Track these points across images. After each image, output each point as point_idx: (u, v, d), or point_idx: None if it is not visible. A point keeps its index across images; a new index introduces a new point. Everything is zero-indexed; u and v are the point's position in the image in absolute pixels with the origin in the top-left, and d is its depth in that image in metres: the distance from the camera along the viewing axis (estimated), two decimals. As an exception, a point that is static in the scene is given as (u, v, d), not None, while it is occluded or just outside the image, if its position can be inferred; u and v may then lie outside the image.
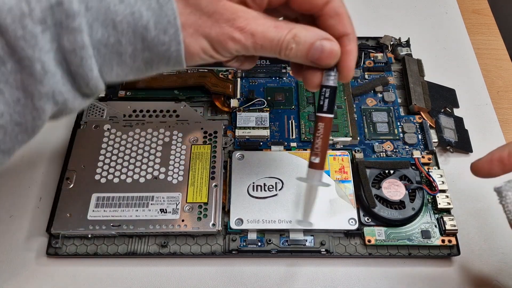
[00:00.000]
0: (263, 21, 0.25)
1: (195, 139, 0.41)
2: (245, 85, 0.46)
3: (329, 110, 0.29)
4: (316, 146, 0.29)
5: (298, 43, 0.25)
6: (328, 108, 0.28)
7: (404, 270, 0.37)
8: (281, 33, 0.25)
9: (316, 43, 0.25)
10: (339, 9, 0.26)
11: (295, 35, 0.25)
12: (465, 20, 0.55)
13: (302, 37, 0.25)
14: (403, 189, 0.38)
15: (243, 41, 0.24)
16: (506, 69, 0.51)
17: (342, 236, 0.37)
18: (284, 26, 0.25)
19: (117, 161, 0.39)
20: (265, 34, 0.24)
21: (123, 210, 0.37)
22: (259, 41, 0.25)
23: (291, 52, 0.25)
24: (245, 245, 0.36)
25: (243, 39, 0.24)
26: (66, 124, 0.44)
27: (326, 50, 0.26)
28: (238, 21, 0.24)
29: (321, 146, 0.29)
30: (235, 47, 0.25)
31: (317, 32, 0.26)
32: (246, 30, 0.24)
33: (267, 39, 0.25)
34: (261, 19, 0.25)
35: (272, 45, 0.25)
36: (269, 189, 0.38)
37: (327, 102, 0.28)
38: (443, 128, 0.43)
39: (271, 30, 0.25)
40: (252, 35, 0.24)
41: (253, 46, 0.25)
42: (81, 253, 0.36)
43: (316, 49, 0.25)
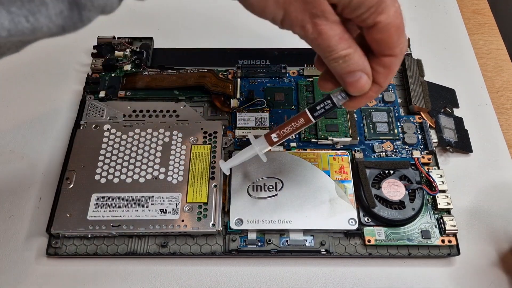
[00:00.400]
0: (336, 27, 0.26)
1: (195, 139, 0.41)
2: (245, 85, 0.46)
3: (316, 117, 0.31)
4: (284, 131, 0.32)
5: (345, 62, 0.27)
6: (318, 115, 0.31)
7: (404, 270, 0.37)
8: (341, 46, 0.26)
9: (357, 72, 0.27)
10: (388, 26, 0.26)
11: (349, 55, 0.26)
12: (465, 20, 0.55)
13: (351, 60, 0.27)
14: (403, 189, 0.38)
15: (309, 33, 0.26)
16: (506, 69, 0.51)
17: (342, 236, 0.37)
18: (346, 41, 0.26)
19: (117, 161, 0.39)
20: (329, 40, 0.26)
21: (123, 210, 0.37)
22: (320, 41, 0.26)
23: (334, 63, 0.27)
24: (245, 245, 0.36)
25: (310, 32, 0.26)
26: (66, 124, 0.45)
27: (359, 83, 0.28)
28: (319, 19, 0.25)
29: (286, 134, 0.32)
30: (299, 32, 0.26)
31: (365, 64, 0.27)
32: (318, 28, 0.25)
33: (326, 44, 0.26)
34: (336, 25, 0.26)
35: (325, 49, 0.26)
36: (269, 189, 0.38)
37: (321, 112, 0.31)
38: (443, 128, 0.43)
39: (335, 39, 0.26)
40: (319, 34, 0.26)
41: (312, 40, 0.26)
42: (81, 253, 0.36)
43: (353, 76, 0.27)
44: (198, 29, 0.54)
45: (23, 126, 0.45)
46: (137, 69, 0.47)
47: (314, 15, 0.25)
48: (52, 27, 0.22)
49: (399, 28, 0.26)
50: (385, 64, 0.28)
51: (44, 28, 0.21)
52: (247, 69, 0.46)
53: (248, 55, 0.49)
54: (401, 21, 0.26)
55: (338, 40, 0.26)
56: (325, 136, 0.41)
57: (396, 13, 0.25)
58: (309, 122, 0.31)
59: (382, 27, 0.25)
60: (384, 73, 0.28)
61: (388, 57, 0.27)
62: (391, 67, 0.28)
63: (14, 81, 0.48)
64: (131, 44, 0.48)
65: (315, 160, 0.39)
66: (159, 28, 0.53)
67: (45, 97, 0.47)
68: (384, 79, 0.28)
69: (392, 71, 0.28)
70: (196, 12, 0.56)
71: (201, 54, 0.50)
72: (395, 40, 0.26)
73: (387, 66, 0.28)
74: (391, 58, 0.27)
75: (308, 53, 0.49)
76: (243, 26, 0.54)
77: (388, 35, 0.26)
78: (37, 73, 0.49)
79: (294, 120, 0.31)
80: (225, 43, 0.51)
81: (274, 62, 0.48)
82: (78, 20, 0.22)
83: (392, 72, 0.28)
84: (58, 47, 0.52)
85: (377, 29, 0.26)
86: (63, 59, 0.50)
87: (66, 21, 0.22)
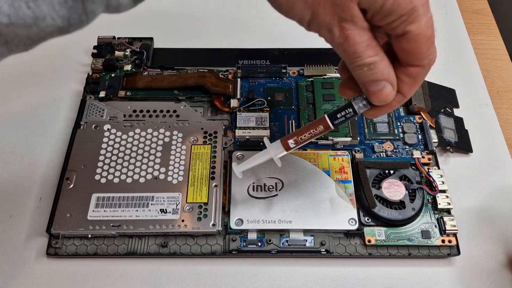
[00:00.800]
0: (364, 33, 0.25)
1: (195, 139, 0.41)
2: (245, 85, 0.46)
3: (336, 124, 0.30)
4: (302, 137, 0.31)
5: (370, 69, 0.26)
6: (338, 123, 0.30)
7: (404, 270, 0.37)
8: (367, 53, 0.26)
9: (382, 82, 0.26)
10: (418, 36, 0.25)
11: (374, 63, 0.26)
12: (465, 20, 0.55)
13: (377, 69, 0.26)
14: (403, 189, 0.38)
15: (335, 37, 0.25)
16: (506, 69, 0.51)
17: (342, 236, 0.37)
18: (373, 49, 0.26)
19: (117, 161, 0.39)
20: (355, 46, 0.25)
21: (123, 210, 0.37)
22: (346, 46, 0.25)
23: (358, 70, 0.26)
24: (245, 245, 0.36)
25: (336, 36, 0.25)
26: (66, 124, 0.45)
27: (382, 93, 0.27)
28: (347, 23, 0.25)
29: (304, 140, 0.31)
30: (325, 35, 0.26)
31: (390, 74, 0.27)
32: (346, 33, 0.25)
33: (352, 49, 0.25)
34: (364, 31, 0.25)
35: (351, 55, 0.26)
36: (269, 189, 0.38)
37: (341, 119, 0.30)
38: (443, 128, 0.43)
39: (362, 45, 0.25)
40: (346, 39, 0.25)
41: (338, 45, 0.26)
42: (81, 253, 0.36)
43: (377, 85, 0.27)
44: (198, 29, 0.54)
45: (23, 126, 0.45)
46: (137, 69, 0.47)
47: (343, 19, 0.24)
48: (56, 18, 0.21)
49: (429, 39, 0.25)
50: (411, 74, 0.27)
51: (48, 19, 0.21)
52: (247, 69, 0.46)
53: (248, 55, 0.49)
54: (432, 32, 0.25)
55: (365, 47, 0.25)
56: (325, 136, 0.41)
57: (428, 23, 0.25)
58: (328, 129, 0.30)
59: (412, 37, 0.25)
60: (409, 83, 0.27)
61: (415, 67, 0.26)
62: (417, 78, 0.27)
63: (14, 81, 0.48)
64: (131, 44, 0.48)
65: (315, 160, 0.39)
66: (159, 28, 0.53)
67: (45, 97, 0.47)
68: (408, 89, 0.27)
69: (418, 82, 0.27)
70: (196, 12, 0.56)
71: (201, 54, 0.50)
72: (424, 51, 0.25)
73: (413, 77, 0.27)
74: (418, 69, 0.27)
75: (308, 53, 0.49)
76: (243, 26, 0.54)
77: (418, 45, 0.25)
78: (37, 73, 0.49)
79: (313, 127, 0.31)
80: (225, 43, 0.51)
81: (274, 62, 0.48)
82: (82, 12, 0.22)
83: (417, 83, 0.27)
84: (59, 47, 0.52)
85: (406, 39, 0.25)
86: (63, 59, 0.50)
87: (70, 13, 0.21)
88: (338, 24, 0.25)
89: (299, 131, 0.31)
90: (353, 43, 0.25)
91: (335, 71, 0.46)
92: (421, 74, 0.27)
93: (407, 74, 0.27)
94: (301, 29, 0.26)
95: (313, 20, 0.25)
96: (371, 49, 0.25)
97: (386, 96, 0.27)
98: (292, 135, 0.32)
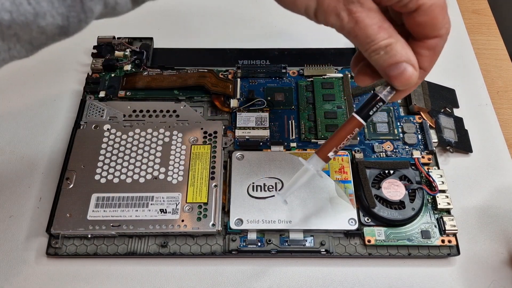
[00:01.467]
0: (374, 15, 0.24)
1: (195, 139, 0.41)
2: (245, 85, 0.46)
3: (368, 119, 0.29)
4: (340, 146, 0.30)
5: (387, 53, 0.25)
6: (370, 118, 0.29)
7: (404, 270, 0.37)
8: (381, 36, 0.25)
9: (402, 64, 0.26)
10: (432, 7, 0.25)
11: (390, 44, 0.25)
12: (465, 20, 0.55)
13: (394, 51, 0.25)
14: (403, 189, 0.38)
15: (344, 22, 0.24)
16: (506, 69, 0.51)
17: (342, 236, 0.37)
18: (386, 30, 0.25)
19: (117, 161, 0.39)
20: (366, 28, 0.24)
21: (123, 210, 0.37)
22: (357, 30, 0.25)
23: (375, 56, 0.26)
24: (245, 245, 0.36)
25: (345, 20, 0.24)
26: (66, 124, 0.45)
27: (404, 76, 0.26)
28: (354, 5, 0.24)
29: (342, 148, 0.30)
30: (335, 22, 0.25)
31: (409, 54, 0.26)
32: (355, 16, 0.24)
33: (364, 33, 0.25)
34: (373, 13, 0.24)
35: (364, 40, 0.25)
36: (269, 189, 0.38)
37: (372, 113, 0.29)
38: (443, 128, 0.43)
39: (374, 28, 0.24)
40: (356, 23, 0.24)
41: (349, 32, 0.25)
42: (81, 253, 0.36)
43: (397, 68, 0.26)
44: (198, 29, 0.54)
45: (23, 126, 0.45)
46: (137, 69, 0.47)
47: (349, 1, 0.24)
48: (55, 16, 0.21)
49: (443, 8, 0.25)
50: (430, 46, 0.26)
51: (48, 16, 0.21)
52: (247, 69, 0.46)
53: (248, 55, 0.49)
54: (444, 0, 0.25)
55: (377, 29, 0.24)
56: (325, 136, 0.41)
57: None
58: (361, 126, 0.29)
59: (426, 9, 0.24)
60: (429, 56, 0.26)
61: (433, 39, 0.26)
62: (437, 49, 0.26)
63: (14, 81, 0.48)
64: (131, 44, 0.48)
65: (315, 160, 0.39)
66: (159, 28, 0.53)
67: (45, 97, 0.47)
68: (429, 62, 0.27)
69: (437, 53, 0.27)
70: (196, 12, 0.56)
71: (201, 54, 0.50)
72: (441, 21, 0.25)
73: (432, 48, 0.26)
74: (436, 40, 0.26)
75: (308, 53, 0.49)
76: (243, 26, 0.54)
77: (433, 16, 0.25)
78: (37, 73, 0.49)
79: (348, 132, 0.29)
80: (225, 43, 0.51)
81: (274, 62, 0.48)
82: (81, 10, 0.22)
83: (437, 54, 0.27)
84: (58, 47, 0.51)
85: (420, 12, 0.24)
86: (63, 59, 0.50)
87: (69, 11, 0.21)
88: (345, 8, 0.24)
89: (334, 139, 0.30)
90: (364, 26, 0.24)
91: (335, 71, 0.46)
92: (440, 45, 0.26)
93: (426, 48, 0.26)
94: (301, 29, 0.26)
95: (319, 8, 0.25)
96: (383, 31, 0.25)
97: (409, 78, 0.26)
98: (328, 146, 0.30)
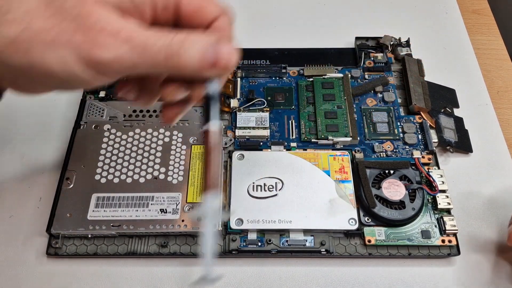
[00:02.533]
0: (142, 28, 0.21)
1: (195, 139, 0.41)
2: (245, 85, 0.46)
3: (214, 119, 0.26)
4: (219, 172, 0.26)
5: (189, 47, 0.21)
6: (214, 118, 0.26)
7: (404, 270, 0.37)
8: (167, 36, 0.21)
9: (210, 47, 0.22)
10: None
11: (184, 38, 0.21)
12: (465, 20, 0.55)
13: (193, 40, 0.22)
14: (403, 189, 0.38)
15: (117, 47, 0.20)
16: (506, 69, 0.51)
17: (342, 236, 0.37)
18: (168, 31, 0.21)
19: (117, 161, 0.39)
20: (146, 39, 0.20)
21: (123, 210, 0.37)
22: (137, 47, 0.20)
23: (180, 59, 0.21)
24: (245, 245, 0.36)
25: (116, 45, 0.20)
26: (66, 124, 0.45)
27: (223, 52, 0.22)
28: (110, 27, 0.20)
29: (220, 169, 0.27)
30: (107, 56, 0.20)
31: (210, 35, 0.23)
32: (120, 35, 0.20)
33: (149, 45, 0.20)
34: (139, 27, 0.21)
35: (155, 53, 0.21)
36: (269, 189, 0.38)
37: (215, 113, 0.26)
38: (443, 128, 0.43)
39: (152, 35, 0.21)
40: (127, 41, 0.20)
41: (131, 54, 0.20)
42: (81, 253, 0.36)
43: (212, 52, 0.22)
44: (198, 29, 0.54)
45: (23, 126, 0.45)
46: (137, 69, 0.47)
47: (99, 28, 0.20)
48: None
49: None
50: (217, 29, 0.24)
51: None
52: (247, 69, 0.46)
53: (248, 55, 0.49)
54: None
55: (158, 35, 0.21)
56: (325, 136, 0.41)
57: None
58: (221, 129, 0.27)
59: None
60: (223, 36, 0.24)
61: (215, 22, 0.24)
62: (225, 28, 0.24)
63: (14, 81, 0.48)
64: (131, 44, 0.48)
65: (315, 160, 0.39)
66: (159, 28, 0.53)
67: (45, 97, 0.47)
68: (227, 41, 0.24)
69: (229, 31, 0.24)
70: (196, 12, 0.56)
71: (201, 54, 0.50)
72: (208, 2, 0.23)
73: (221, 30, 0.24)
74: (218, 21, 0.24)
75: (308, 53, 0.49)
76: (244, 26, 0.54)
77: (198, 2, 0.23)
78: (37, 73, 0.49)
79: (215, 146, 0.26)
80: (225, 43, 0.51)
81: (274, 62, 0.48)
82: None
83: (230, 32, 0.24)
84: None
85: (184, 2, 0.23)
86: (63, 59, 0.50)
87: None
88: (104, 34, 0.20)
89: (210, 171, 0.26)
90: (141, 39, 0.21)
91: (335, 71, 0.46)
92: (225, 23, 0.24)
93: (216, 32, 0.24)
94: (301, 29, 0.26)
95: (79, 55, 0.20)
96: (164, 33, 0.21)
97: (229, 58, 0.22)
98: (209, 177, 0.26)
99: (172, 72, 0.23)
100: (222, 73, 0.23)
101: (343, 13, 0.56)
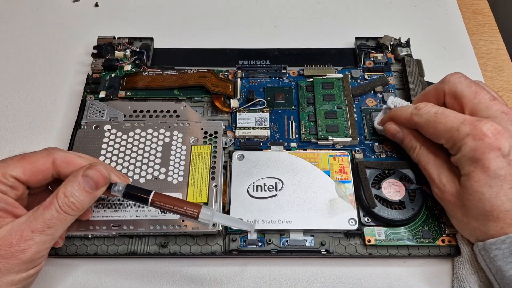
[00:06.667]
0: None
1: (195, 139, 0.41)
2: (245, 86, 0.46)
3: None
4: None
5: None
6: None
7: (404, 270, 0.37)
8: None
9: (81, 177, 0.31)
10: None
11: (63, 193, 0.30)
12: (465, 20, 0.55)
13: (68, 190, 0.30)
14: (403, 189, 0.38)
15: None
16: (506, 69, 0.51)
17: (342, 236, 0.37)
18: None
19: (117, 161, 0.39)
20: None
21: (123, 210, 0.37)
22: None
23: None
24: (245, 245, 0.36)
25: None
26: (67, 124, 0.45)
27: (94, 178, 0.31)
28: None
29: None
30: None
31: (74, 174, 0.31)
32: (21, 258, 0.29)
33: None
34: None
35: None
36: (269, 189, 0.38)
37: None
38: (443, 128, 0.43)
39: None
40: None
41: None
42: (81, 253, 0.36)
43: (87, 181, 0.31)
44: (198, 29, 0.54)
45: (23, 126, 0.45)
46: (137, 69, 0.47)
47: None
48: None
49: None
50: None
51: None
52: (247, 69, 0.46)
53: (248, 55, 0.49)
54: None
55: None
56: (325, 137, 0.41)
57: None
58: None
59: None
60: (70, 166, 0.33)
61: None
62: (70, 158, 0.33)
63: (14, 81, 0.48)
64: (131, 44, 0.48)
65: (315, 160, 0.39)
66: (159, 28, 0.53)
67: (45, 97, 0.47)
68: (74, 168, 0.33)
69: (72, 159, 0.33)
70: (196, 12, 0.56)
71: (201, 54, 0.50)
72: None
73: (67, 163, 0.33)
74: None
75: (308, 53, 0.49)
76: (243, 26, 0.54)
77: None
78: (37, 73, 0.49)
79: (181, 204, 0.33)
80: (225, 43, 0.51)
81: (274, 62, 0.48)
82: None
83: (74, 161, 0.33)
84: (59, 47, 0.52)
85: None
86: (63, 59, 0.50)
87: None
88: None
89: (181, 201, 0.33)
90: None
91: (335, 71, 0.46)
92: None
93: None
94: (301, 29, 0.26)
95: None
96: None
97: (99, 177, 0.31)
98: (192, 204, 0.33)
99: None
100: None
101: (343, 13, 0.56)
